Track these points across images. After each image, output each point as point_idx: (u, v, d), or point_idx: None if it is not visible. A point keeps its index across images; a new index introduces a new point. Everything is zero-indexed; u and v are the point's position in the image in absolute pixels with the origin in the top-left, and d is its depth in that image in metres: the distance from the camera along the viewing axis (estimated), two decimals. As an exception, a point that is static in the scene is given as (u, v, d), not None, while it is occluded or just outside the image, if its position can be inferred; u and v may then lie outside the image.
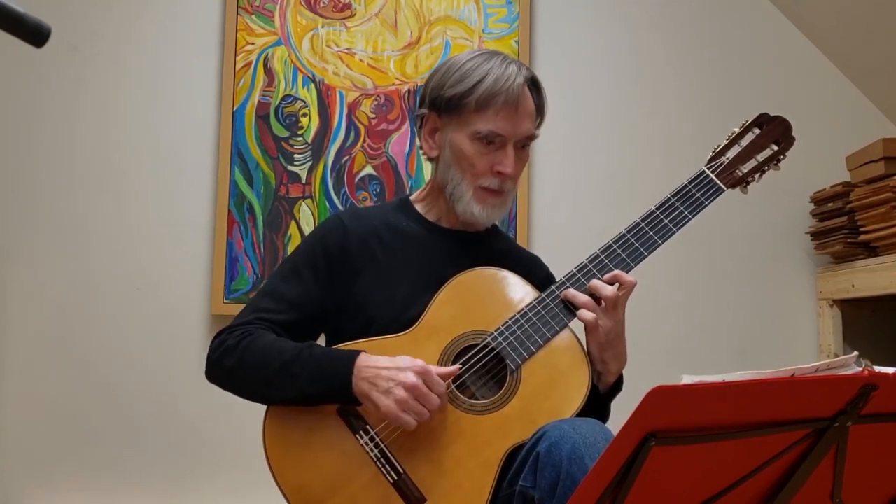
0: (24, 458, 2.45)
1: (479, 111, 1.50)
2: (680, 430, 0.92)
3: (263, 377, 1.42)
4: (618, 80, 2.74)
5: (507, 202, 1.58)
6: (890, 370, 0.97)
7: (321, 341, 1.59)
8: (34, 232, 2.51)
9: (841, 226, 2.54)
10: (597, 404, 1.50)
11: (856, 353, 1.11)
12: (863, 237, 2.47)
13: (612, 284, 1.46)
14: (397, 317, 1.48)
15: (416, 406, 1.34)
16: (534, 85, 1.56)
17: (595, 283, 1.45)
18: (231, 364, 1.45)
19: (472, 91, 1.50)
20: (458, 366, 1.41)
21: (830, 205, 2.60)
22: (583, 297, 1.45)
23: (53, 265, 2.51)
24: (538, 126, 1.59)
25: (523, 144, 1.56)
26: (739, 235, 2.71)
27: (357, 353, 1.40)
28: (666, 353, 2.58)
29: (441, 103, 1.54)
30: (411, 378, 1.34)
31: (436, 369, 1.38)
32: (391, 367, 1.36)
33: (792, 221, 2.73)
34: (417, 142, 1.65)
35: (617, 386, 1.53)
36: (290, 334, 1.49)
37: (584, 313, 1.44)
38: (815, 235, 2.68)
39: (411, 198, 1.67)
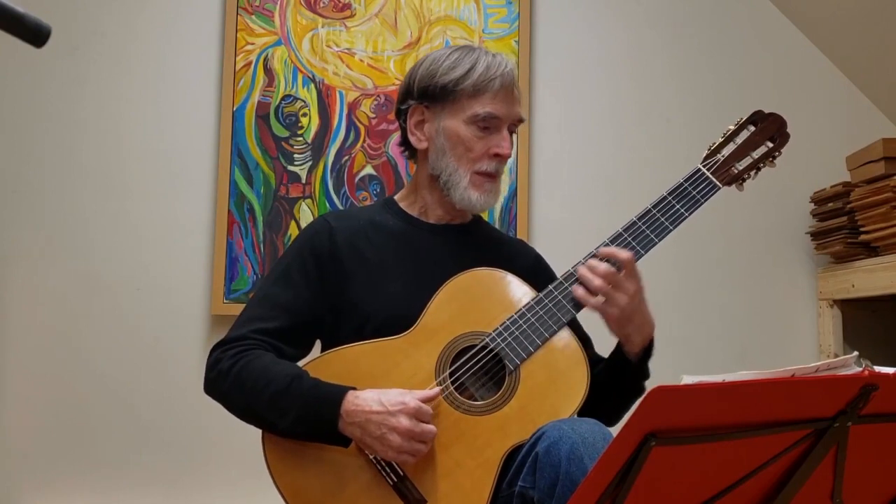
0: (24, 458, 2.45)
1: (476, 95, 1.52)
2: (680, 430, 0.92)
3: (255, 407, 1.40)
4: (617, 79, 2.74)
5: (499, 188, 1.60)
6: (890, 370, 0.97)
7: (317, 345, 1.59)
8: (35, 232, 2.51)
9: (841, 226, 2.54)
10: (627, 372, 1.50)
11: (856, 353, 1.11)
12: (863, 237, 2.47)
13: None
14: (391, 315, 1.47)
15: (413, 446, 1.32)
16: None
17: (590, 262, 1.45)
18: (225, 389, 1.44)
19: (467, 76, 1.52)
20: (437, 389, 1.39)
21: (830, 205, 2.60)
22: (597, 282, 1.44)
23: (54, 265, 2.50)
24: None
25: (512, 129, 1.58)
26: (739, 235, 2.71)
27: (343, 392, 1.36)
28: (666, 353, 2.57)
29: (434, 91, 1.55)
30: (404, 423, 1.32)
31: (419, 394, 1.36)
32: (381, 410, 1.32)
33: (792, 221, 2.73)
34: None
35: (649, 350, 1.53)
36: (285, 341, 1.48)
37: (588, 299, 1.44)
38: (816, 235, 2.68)
39: (395, 197, 1.68)
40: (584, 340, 1.55)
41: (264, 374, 1.40)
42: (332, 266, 1.53)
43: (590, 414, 1.41)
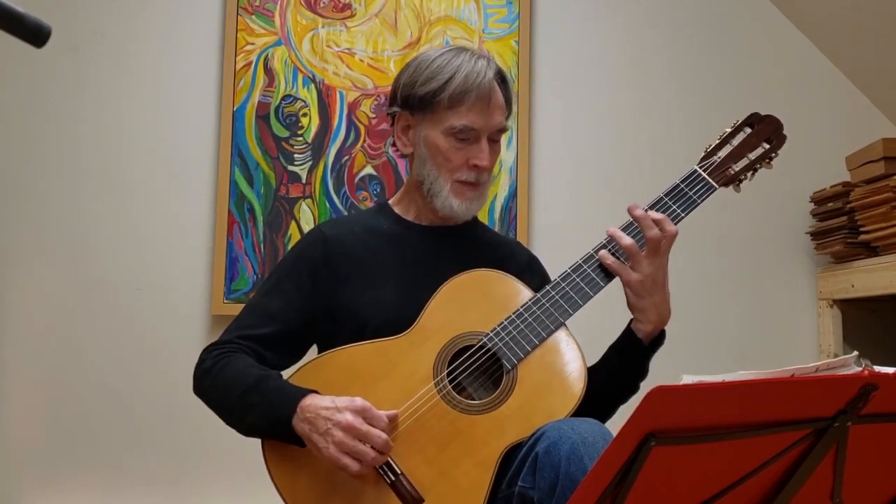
0: (24, 458, 2.45)
1: (452, 107, 1.52)
2: (680, 430, 0.92)
3: (227, 404, 1.45)
4: (617, 79, 2.74)
5: (483, 194, 1.59)
6: (890, 370, 0.97)
7: (313, 351, 1.59)
8: (35, 232, 2.51)
9: (841, 226, 2.54)
10: (633, 353, 1.50)
11: (856, 352, 1.11)
12: (863, 237, 2.47)
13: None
14: (389, 318, 1.48)
15: (355, 446, 1.31)
16: (502, 79, 1.58)
17: (614, 231, 1.48)
18: (205, 387, 1.48)
19: (444, 88, 1.51)
20: (396, 411, 1.38)
21: (830, 205, 2.60)
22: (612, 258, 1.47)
23: (54, 265, 2.50)
24: (507, 118, 1.60)
25: (495, 138, 1.57)
26: (740, 236, 2.71)
27: (306, 392, 1.37)
28: (666, 353, 2.57)
29: (413, 101, 1.55)
30: (348, 418, 1.31)
31: (381, 414, 1.35)
32: (330, 406, 1.33)
33: (792, 221, 2.73)
34: (391, 139, 1.65)
35: (660, 339, 1.54)
36: (273, 348, 1.51)
37: (610, 259, 1.47)
38: (815, 235, 2.68)
39: (389, 202, 1.69)
40: None
41: (238, 373, 1.44)
42: (326, 274, 1.54)
43: (582, 410, 1.40)
